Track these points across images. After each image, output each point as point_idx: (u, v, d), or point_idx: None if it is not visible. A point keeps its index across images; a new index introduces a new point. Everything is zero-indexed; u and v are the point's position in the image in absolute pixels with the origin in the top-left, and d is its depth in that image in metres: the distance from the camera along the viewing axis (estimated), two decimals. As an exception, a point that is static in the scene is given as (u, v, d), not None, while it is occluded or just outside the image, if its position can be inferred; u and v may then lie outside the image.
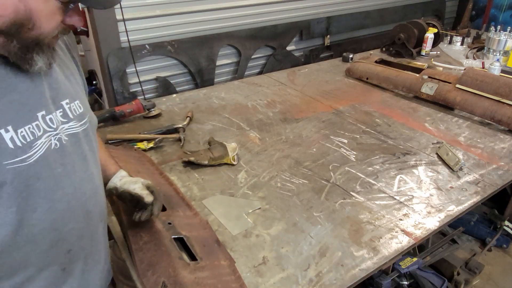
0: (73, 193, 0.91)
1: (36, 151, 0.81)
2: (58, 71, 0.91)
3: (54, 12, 0.75)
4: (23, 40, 0.74)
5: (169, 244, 1.24)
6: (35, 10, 0.72)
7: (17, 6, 0.70)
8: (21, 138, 0.78)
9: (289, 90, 2.72)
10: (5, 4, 0.69)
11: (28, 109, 0.81)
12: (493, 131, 2.23)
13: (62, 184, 0.88)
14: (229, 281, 1.19)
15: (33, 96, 0.82)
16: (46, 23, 0.75)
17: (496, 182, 1.79)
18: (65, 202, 0.90)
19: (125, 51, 2.65)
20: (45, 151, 0.83)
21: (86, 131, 0.97)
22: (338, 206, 1.59)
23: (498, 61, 2.91)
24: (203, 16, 2.93)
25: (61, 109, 0.89)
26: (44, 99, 0.85)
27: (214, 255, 1.28)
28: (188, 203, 1.50)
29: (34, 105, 0.82)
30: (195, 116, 2.29)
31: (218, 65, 3.12)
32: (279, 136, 2.11)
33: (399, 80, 2.68)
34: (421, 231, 1.48)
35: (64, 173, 0.88)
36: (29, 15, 0.72)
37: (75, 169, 0.92)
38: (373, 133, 2.17)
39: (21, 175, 0.79)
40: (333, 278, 1.26)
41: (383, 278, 1.80)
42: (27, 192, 0.81)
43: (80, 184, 0.93)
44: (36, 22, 0.73)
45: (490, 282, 2.39)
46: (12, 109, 0.78)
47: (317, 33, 3.60)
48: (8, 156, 0.76)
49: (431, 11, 4.44)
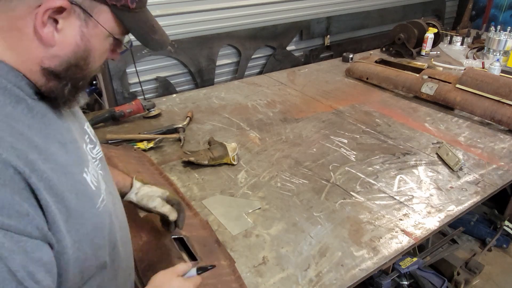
0: (122, 218, 0.90)
1: (100, 185, 0.76)
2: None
3: (105, 51, 0.70)
4: (76, 81, 0.68)
5: (169, 244, 1.24)
6: (93, 49, 0.66)
7: (78, 46, 0.64)
8: (92, 177, 0.73)
9: (289, 90, 2.72)
10: (64, 42, 0.62)
11: (83, 149, 0.76)
12: (493, 131, 2.23)
13: (116, 212, 0.84)
14: (229, 281, 1.20)
15: (75, 131, 0.75)
16: (98, 62, 0.70)
17: (496, 182, 1.79)
18: (122, 229, 0.88)
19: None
20: (103, 182, 0.78)
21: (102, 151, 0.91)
22: (338, 206, 1.59)
23: (498, 61, 2.91)
24: (203, 16, 2.93)
25: (87, 135, 0.83)
26: (81, 131, 0.79)
27: (214, 255, 1.28)
28: (188, 203, 1.51)
29: (82, 140, 0.77)
30: (195, 116, 2.29)
31: (218, 65, 3.12)
32: (279, 136, 2.11)
33: (399, 80, 2.68)
34: (421, 231, 1.48)
35: (113, 200, 0.85)
36: (87, 54, 0.66)
37: (110, 190, 0.86)
38: (373, 133, 2.17)
39: (108, 213, 0.76)
40: (333, 278, 1.26)
41: (383, 278, 1.80)
42: (113, 230, 0.78)
43: (119, 206, 0.91)
44: (91, 61, 0.67)
45: (490, 282, 2.39)
46: (78, 151, 0.72)
47: (317, 33, 3.60)
48: (96, 199, 0.72)
49: (431, 11, 4.44)
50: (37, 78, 0.64)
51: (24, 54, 0.61)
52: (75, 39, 0.63)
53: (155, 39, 0.74)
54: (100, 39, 0.66)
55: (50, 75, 0.64)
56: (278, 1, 3.28)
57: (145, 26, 0.71)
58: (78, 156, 0.71)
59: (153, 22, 0.75)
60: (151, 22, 0.74)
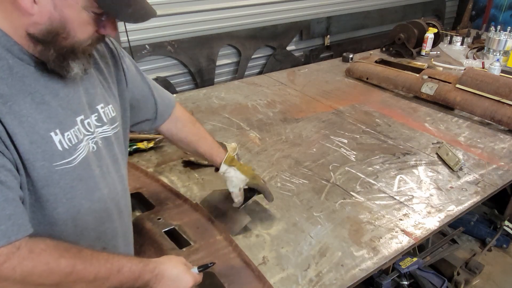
0: (108, 194, 0.96)
1: (79, 153, 0.86)
2: (95, 76, 0.95)
3: (87, 22, 0.78)
4: (59, 48, 0.78)
5: (160, 240, 1.27)
6: (69, 19, 0.75)
7: (52, 14, 0.74)
8: (67, 141, 0.83)
9: (289, 90, 2.72)
10: (41, 12, 0.73)
11: (69, 114, 0.85)
12: (493, 131, 2.23)
13: (99, 185, 0.92)
14: (227, 253, 1.24)
15: (73, 101, 0.86)
16: (80, 32, 0.78)
17: (496, 182, 1.79)
18: (102, 202, 0.94)
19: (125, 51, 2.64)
20: (86, 154, 0.88)
21: (118, 134, 1.00)
22: (338, 206, 1.59)
23: (498, 61, 2.91)
24: (203, 16, 2.93)
25: (96, 113, 0.93)
26: (82, 104, 0.89)
27: (209, 233, 1.32)
28: (176, 192, 1.53)
29: (75, 110, 0.86)
30: (195, 116, 2.28)
31: (218, 65, 3.11)
32: (279, 136, 2.11)
33: (399, 80, 2.67)
34: (421, 231, 1.48)
35: (101, 174, 0.93)
36: (64, 24, 0.75)
37: (109, 171, 0.96)
38: (373, 133, 2.17)
39: (67, 176, 0.84)
40: (333, 278, 1.26)
41: (383, 278, 1.80)
42: (72, 194, 0.86)
43: (113, 185, 0.98)
44: (71, 31, 0.77)
45: (490, 282, 2.39)
46: (57, 113, 0.82)
47: (317, 33, 3.60)
48: (57, 158, 0.82)
49: (431, 11, 4.44)
50: (26, 43, 0.76)
51: (14, 22, 0.74)
52: (49, 8, 0.73)
53: (128, 12, 0.78)
54: (74, 10, 0.75)
55: (35, 41, 0.76)
56: (278, 1, 3.28)
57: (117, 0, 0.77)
58: (50, 117, 0.81)
59: None
60: None
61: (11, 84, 0.75)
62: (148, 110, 1.19)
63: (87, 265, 0.81)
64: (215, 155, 1.33)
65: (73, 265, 0.78)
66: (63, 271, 0.77)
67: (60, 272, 0.77)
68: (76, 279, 0.79)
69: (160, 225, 1.33)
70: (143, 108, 1.17)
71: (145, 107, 1.18)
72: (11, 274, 0.72)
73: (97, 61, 0.97)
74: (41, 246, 0.76)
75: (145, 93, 1.16)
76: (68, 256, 0.79)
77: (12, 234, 0.71)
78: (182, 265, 1.00)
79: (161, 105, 1.21)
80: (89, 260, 0.81)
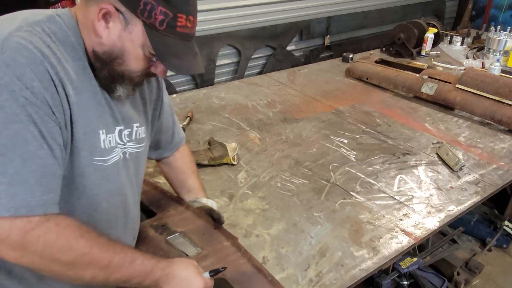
0: (122, 202, 1.04)
1: (113, 156, 0.97)
2: (139, 99, 1.07)
3: (141, 58, 0.90)
4: (112, 70, 0.90)
5: (165, 247, 1.24)
6: (127, 50, 0.88)
7: (116, 42, 0.87)
8: (108, 142, 0.95)
9: (289, 90, 2.72)
10: (109, 37, 0.87)
11: (113, 121, 0.97)
12: (493, 131, 2.23)
13: (121, 191, 1.02)
14: (236, 258, 1.21)
15: (118, 113, 0.98)
16: (133, 64, 0.91)
17: (496, 182, 1.79)
18: (116, 208, 1.01)
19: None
20: (118, 159, 0.98)
21: (140, 153, 1.10)
22: (338, 206, 1.59)
23: (498, 61, 2.91)
24: (203, 16, 2.92)
25: (130, 130, 1.03)
26: (123, 118, 1.00)
27: (215, 239, 1.28)
28: (177, 199, 1.51)
29: (117, 120, 0.98)
30: (195, 116, 2.29)
31: (218, 65, 3.11)
32: (279, 136, 2.11)
33: (399, 80, 2.67)
34: (421, 231, 1.48)
35: (124, 181, 1.02)
36: (122, 53, 0.88)
37: (129, 181, 1.05)
38: (373, 133, 2.17)
39: (99, 173, 0.93)
40: (333, 278, 1.26)
41: (383, 278, 1.80)
42: (97, 190, 0.94)
43: (128, 196, 1.05)
44: (126, 60, 0.89)
45: (490, 282, 2.39)
46: (106, 116, 0.95)
47: (317, 33, 3.60)
48: (97, 153, 0.92)
49: (431, 11, 4.44)
50: (91, 56, 0.90)
51: (89, 39, 0.89)
52: (115, 37, 0.86)
53: (174, 62, 0.89)
54: (133, 45, 0.87)
55: (97, 57, 0.89)
56: (278, 1, 3.28)
57: (168, 49, 0.87)
58: (101, 117, 0.92)
59: (180, 50, 0.88)
60: (178, 50, 0.88)
61: (83, 80, 0.88)
62: (164, 142, 1.32)
63: (103, 250, 0.85)
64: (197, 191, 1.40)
65: (91, 246, 0.83)
66: (81, 251, 0.82)
67: (77, 250, 0.81)
68: (91, 261, 0.83)
69: (164, 232, 1.30)
70: (162, 139, 1.30)
71: (164, 139, 1.30)
72: (34, 243, 0.77)
73: (143, 88, 1.08)
74: (66, 222, 0.82)
75: (169, 127, 1.30)
76: (88, 237, 0.84)
77: (49, 206, 0.79)
78: (193, 267, 1.00)
79: (176, 138, 1.35)
80: (105, 246, 0.86)
